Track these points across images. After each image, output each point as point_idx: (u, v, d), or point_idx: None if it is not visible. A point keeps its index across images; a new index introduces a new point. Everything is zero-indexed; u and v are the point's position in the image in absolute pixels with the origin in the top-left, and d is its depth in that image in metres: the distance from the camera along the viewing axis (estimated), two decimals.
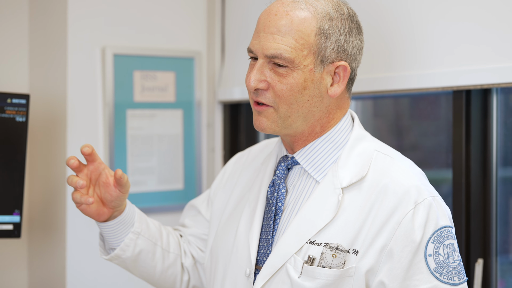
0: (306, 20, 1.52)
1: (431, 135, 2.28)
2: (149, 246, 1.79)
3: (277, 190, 1.62)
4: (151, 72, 2.59)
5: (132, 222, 1.75)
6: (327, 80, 1.55)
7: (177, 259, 1.84)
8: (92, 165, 1.68)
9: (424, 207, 1.47)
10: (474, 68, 1.87)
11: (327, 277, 1.48)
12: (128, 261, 1.77)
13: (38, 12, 2.55)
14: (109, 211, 1.71)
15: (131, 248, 1.75)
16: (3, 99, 2.09)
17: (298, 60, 1.52)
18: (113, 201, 1.69)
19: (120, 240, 1.75)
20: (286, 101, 1.53)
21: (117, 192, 1.67)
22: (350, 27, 1.56)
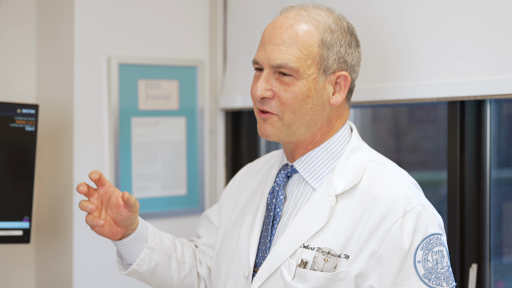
0: (309, 32, 1.60)
1: (430, 137, 2.33)
2: (164, 259, 1.86)
3: (275, 197, 1.69)
4: (155, 80, 2.64)
5: (146, 238, 1.83)
6: (329, 89, 1.63)
7: (193, 269, 1.92)
8: (102, 189, 1.75)
9: (413, 215, 1.53)
10: (468, 80, 1.93)
11: (318, 280, 1.55)
12: (145, 274, 1.86)
13: (45, 24, 2.60)
14: (122, 230, 1.79)
15: (146, 263, 1.83)
16: (13, 109, 2.15)
17: (302, 70, 1.60)
18: (125, 220, 1.76)
19: (136, 255, 1.83)
20: (290, 109, 1.61)
21: (127, 212, 1.75)
22: (349, 39, 1.64)
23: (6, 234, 2.12)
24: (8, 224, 2.12)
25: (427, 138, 2.33)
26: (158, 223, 2.61)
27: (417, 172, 2.40)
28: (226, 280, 1.74)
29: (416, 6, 2.06)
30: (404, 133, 2.43)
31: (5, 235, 2.12)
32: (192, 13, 2.73)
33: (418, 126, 2.37)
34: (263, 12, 2.56)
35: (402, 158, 2.46)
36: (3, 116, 2.13)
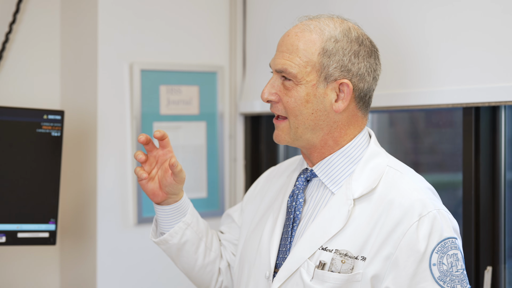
0: (311, 40, 1.67)
1: (448, 139, 2.34)
2: (194, 239, 1.91)
3: (295, 200, 1.75)
4: (176, 86, 2.69)
5: (185, 213, 1.88)
6: (331, 96, 1.68)
7: (217, 259, 1.97)
8: (162, 150, 1.83)
9: (429, 219, 1.58)
10: (482, 87, 1.96)
11: (335, 281, 1.60)
12: (173, 248, 1.90)
13: (69, 32, 2.66)
14: (163, 195, 1.84)
15: (178, 236, 1.88)
16: (40, 115, 2.21)
17: (301, 76, 1.67)
18: (167, 186, 1.82)
19: (171, 226, 1.88)
20: (292, 113, 1.69)
21: (171, 179, 1.80)
22: (357, 49, 1.68)
23: (33, 236, 2.18)
24: (35, 226, 2.18)
25: (445, 140, 2.35)
26: None
27: (435, 174, 2.42)
28: (248, 280, 1.80)
29: (433, 16, 2.10)
30: (422, 135, 2.46)
31: (32, 237, 2.18)
32: (212, 20, 2.78)
33: (436, 129, 2.40)
34: (281, 18, 2.61)
35: (420, 160, 2.49)
36: (30, 122, 2.19)
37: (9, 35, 2.57)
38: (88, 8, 2.57)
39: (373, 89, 1.74)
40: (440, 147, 2.40)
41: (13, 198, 2.17)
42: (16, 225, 2.16)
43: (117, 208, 2.56)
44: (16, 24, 2.60)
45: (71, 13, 2.66)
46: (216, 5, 2.79)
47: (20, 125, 2.18)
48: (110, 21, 2.55)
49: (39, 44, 2.66)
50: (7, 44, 2.58)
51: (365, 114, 1.76)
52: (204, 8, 2.76)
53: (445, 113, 2.29)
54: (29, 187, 2.19)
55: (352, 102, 1.70)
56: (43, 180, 2.22)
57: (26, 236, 2.17)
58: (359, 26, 1.75)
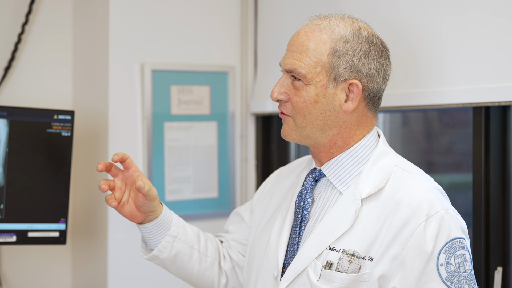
0: (321, 40, 1.67)
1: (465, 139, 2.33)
2: (185, 249, 1.91)
3: (303, 200, 1.75)
4: (187, 86, 2.70)
5: (169, 226, 1.88)
6: (340, 96, 1.68)
7: (215, 263, 1.96)
8: (127, 172, 1.81)
9: (436, 219, 1.57)
10: (492, 86, 1.96)
11: (342, 281, 1.60)
12: (166, 261, 1.91)
13: (81, 32, 2.68)
14: (141, 215, 1.84)
15: (168, 250, 1.88)
16: (50, 115, 2.22)
17: (310, 76, 1.66)
18: (142, 207, 1.81)
19: (158, 242, 1.88)
20: (300, 113, 1.68)
21: (143, 200, 1.80)
22: (367, 50, 1.68)
23: (44, 236, 2.19)
24: (46, 225, 2.19)
25: (460, 140, 2.34)
26: None
27: (451, 174, 2.41)
28: (256, 280, 1.80)
29: (443, 16, 2.09)
30: (436, 135, 2.45)
31: (42, 236, 2.19)
32: (223, 20, 2.79)
33: (451, 128, 2.39)
34: (293, 18, 2.61)
35: (434, 160, 2.48)
36: (40, 122, 2.20)
37: (22, 35, 2.59)
38: (100, 9, 2.59)
39: (383, 89, 1.74)
40: (455, 147, 2.38)
41: (23, 197, 2.18)
42: (26, 224, 2.18)
43: None
44: (29, 25, 2.62)
45: (83, 14, 2.68)
46: (227, 5, 2.79)
47: (30, 125, 2.20)
48: (122, 21, 2.57)
49: (51, 45, 2.68)
50: (20, 44, 2.59)
51: (375, 114, 1.75)
52: (216, 8, 2.76)
53: (459, 113, 2.28)
54: (39, 187, 2.20)
55: (361, 103, 1.70)
56: (53, 180, 2.23)
57: (36, 235, 2.18)
58: (370, 25, 1.74)
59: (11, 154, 2.18)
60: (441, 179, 2.42)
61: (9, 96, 2.57)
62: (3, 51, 2.58)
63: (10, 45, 2.58)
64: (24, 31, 2.59)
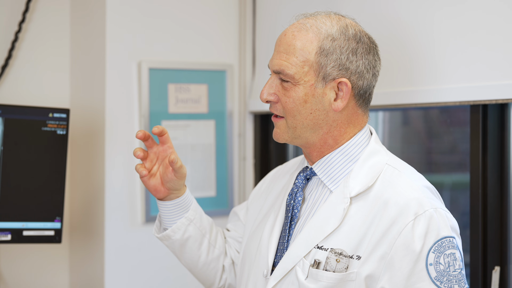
0: (308, 40, 1.65)
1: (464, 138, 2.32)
2: (197, 235, 1.92)
3: (294, 198, 1.74)
4: (184, 84, 2.69)
5: (187, 209, 1.90)
6: (330, 95, 1.66)
7: (221, 256, 1.97)
8: (162, 146, 1.83)
9: (425, 218, 1.55)
10: (490, 84, 1.94)
11: (329, 280, 1.59)
12: (176, 243, 1.91)
13: (79, 31, 2.68)
14: (165, 191, 1.86)
15: (181, 232, 1.89)
16: (45, 114, 2.22)
17: (298, 76, 1.65)
18: (169, 182, 1.83)
19: (173, 222, 1.89)
20: (290, 113, 1.67)
21: (172, 175, 1.81)
22: (354, 47, 1.66)
23: (39, 234, 2.19)
24: (41, 224, 2.19)
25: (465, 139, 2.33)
26: None
27: (456, 173, 2.40)
28: (248, 278, 1.80)
29: (440, 14, 2.08)
30: (440, 134, 2.44)
31: (37, 235, 2.19)
32: (221, 18, 2.78)
33: (456, 127, 2.38)
34: (291, 16, 2.59)
35: (438, 159, 2.47)
36: (35, 120, 2.20)
37: (19, 34, 2.58)
38: (97, 7, 2.58)
39: (373, 86, 1.72)
40: (458, 146, 2.37)
41: (18, 196, 2.18)
42: (21, 223, 2.17)
43: (125, 207, 2.57)
44: (26, 23, 2.61)
45: (80, 12, 2.67)
46: (225, 3, 2.78)
47: (25, 123, 2.19)
48: (119, 20, 2.56)
49: (49, 43, 2.67)
50: (17, 43, 2.59)
51: (366, 112, 1.74)
52: (213, 6, 2.75)
53: (462, 111, 2.27)
54: (34, 185, 2.20)
55: (351, 100, 1.69)
56: (48, 178, 2.23)
57: (31, 234, 2.18)
58: (357, 22, 1.73)
59: (6, 152, 2.17)
60: (444, 178, 2.41)
61: (6, 94, 2.57)
62: (0, 49, 2.57)
63: (7, 44, 2.58)
64: (21, 29, 2.59)
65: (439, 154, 2.47)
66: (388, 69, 2.11)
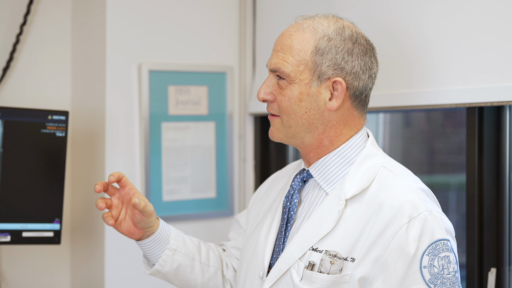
0: (304, 39, 1.67)
1: None
2: (187, 261, 1.94)
3: (290, 200, 1.75)
4: (184, 86, 2.70)
5: (167, 240, 1.91)
6: (325, 94, 1.68)
7: (218, 272, 1.99)
8: (123, 190, 1.86)
9: (419, 221, 1.56)
10: (486, 87, 1.95)
11: (323, 281, 1.60)
12: (168, 275, 1.94)
13: (79, 33, 2.69)
14: (139, 232, 1.88)
15: (169, 263, 1.92)
16: (45, 116, 2.23)
17: (294, 74, 1.67)
18: (139, 223, 1.85)
19: (158, 256, 1.92)
20: (285, 112, 1.69)
21: (140, 216, 1.84)
22: (350, 47, 1.68)
23: (38, 236, 2.20)
24: (40, 225, 2.20)
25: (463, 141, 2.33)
26: (188, 225, 2.68)
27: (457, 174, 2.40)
28: (244, 280, 1.81)
29: (437, 16, 2.08)
30: (443, 135, 2.44)
31: (36, 236, 2.21)
32: (222, 20, 2.79)
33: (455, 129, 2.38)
34: (291, 18, 2.60)
35: (448, 160, 2.47)
36: (35, 123, 2.22)
37: (20, 36, 2.60)
38: (98, 10, 2.59)
39: (369, 88, 1.73)
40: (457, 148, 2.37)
41: (18, 197, 2.19)
42: (21, 224, 2.19)
43: None
44: (27, 26, 2.63)
45: (81, 15, 2.69)
46: (225, 5, 2.79)
47: (25, 126, 2.21)
48: (119, 22, 2.57)
49: (50, 46, 2.69)
50: (18, 45, 2.61)
51: (362, 114, 1.74)
52: (213, 8, 2.76)
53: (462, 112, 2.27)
54: (34, 187, 2.21)
55: (347, 101, 1.69)
56: (48, 180, 2.24)
57: (30, 235, 2.19)
58: (355, 24, 1.74)
59: (5, 154, 2.19)
60: (451, 179, 2.41)
61: (7, 96, 2.59)
62: (1, 52, 2.59)
63: (8, 46, 2.60)
64: (22, 31, 2.60)
65: (439, 155, 2.47)
66: (384, 71, 2.12)
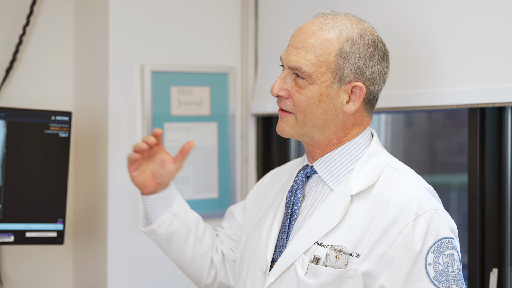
0: (329, 40, 1.65)
1: None
2: (183, 230, 1.96)
3: (294, 195, 1.76)
4: (187, 87, 2.71)
5: (171, 203, 1.95)
6: (343, 97, 1.68)
7: (208, 251, 2.01)
8: (157, 147, 1.94)
9: (425, 219, 1.57)
10: (488, 88, 1.95)
11: (327, 275, 1.61)
12: (162, 238, 1.96)
13: (82, 34, 2.70)
14: (154, 185, 1.93)
15: (166, 226, 1.94)
16: (48, 117, 2.24)
17: (315, 75, 1.65)
18: (164, 175, 1.92)
19: (158, 216, 1.94)
20: (302, 111, 1.68)
21: (172, 167, 1.91)
22: (372, 53, 1.67)
23: (41, 236, 2.21)
24: (43, 226, 2.21)
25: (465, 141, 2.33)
26: None
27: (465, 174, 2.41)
28: (246, 275, 1.82)
29: (439, 17, 2.09)
30: (444, 136, 2.45)
31: (40, 236, 2.21)
32: (224, 21, 2.79)
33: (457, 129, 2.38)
34: (293, 19, 2.61)
35: (450, 160, 2.47)
36: (38, 123, 2.22)
37: (23, 36, 2.61)
38: (101, 11, 2.60)
39: (381, 91, 1.75)
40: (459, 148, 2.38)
41: (21, 198, 2.20)
42: (24, 224, 2.20)
43: (128, 208, 2.59)
44: (30, 26, 2.64)
45: (84, 15, 2.69)
46: (227, 6, 2.80)
47: (28, 126, 2.22)
48: (122, 23, 2.58)
49: (53, 46, 2.69)
50: (21, 46, 2.61)
51: (370, 114, 1.76)
52: (215, 9, 2.77)
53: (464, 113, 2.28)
54: (37, 187, 2.22)
55: (361, 104, 1.71)
56: (51, 180, 2.25)
57: (34, 235, 2.20)
58: (374, 28, 1.74)
59: (9, 155, 2.19)
60: (452, 179, 2.42)
61: (10, 97, 2.59)
62: (4, 52, 2.60)
63: (11, 46, 2.60)
64: (25, 32, 2.61)
65: (441, 155, 2.48)
66: None
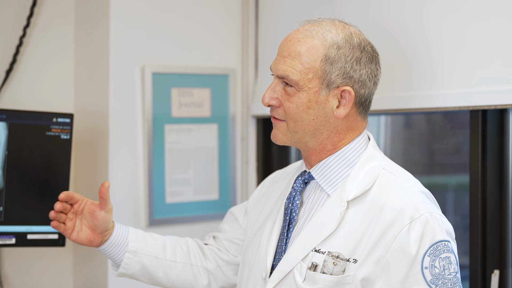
0: (314, 47, 1.67)
1: None
2: (150, 261, 1.99)
3: (292, 202, 1.77)
4: (187, 89, 2.71)
5: (126, 243, 1.97)
6: (332, 102, 1.68)
7: (186, 267, 2.02)
8: (76, 205, 1.96)
9: (421, 222, 1.58)
10: (489, 90, 1.96)
11: (325, 282, 1.61)
12: (135, 275, 2.00)
13: (83, 35, 2.70)
14: (99, 237, 1.95)
15: (132, 265, 1.97)
16: (49, 118, 2.23)
17: (302, 82, 1.66)
18: (101, 224, 1.92)
19: (120, 259, 1.97)
20: (292, 118, 1.69)
21: (102, 214, 1.92)
22: (359, 56, 1.68)
23: (43, 238, 2.20)
24: (45, 228, 2.20)
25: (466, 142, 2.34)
26: (191, 227, 2.68)
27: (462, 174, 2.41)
28: (247, 281, 1.83)
29: (439, 18, 2.09)
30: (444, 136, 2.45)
31: (41, 238, 2.20)
32: (224, 23, 2.80)
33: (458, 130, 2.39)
34: (293, 20, 2.60)
35: (447, 161, 2.48)
36: (39, 125, 2.22)
37: (23, 38, 2.60)
38: (101, 12, 2.60)
39: (373, 94, 1.74)
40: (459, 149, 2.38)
41: (23, 200, 2.19)
42: (25, 226, 2.19)
43: (129, 210, 2.59)
44: (30, 28, 2.63)
45: (84, 17, 2.69)
46: (228, 8, 2.80)
47: (29, 128, 2.21)
48: (123, 24, 2.58)
49: (53, 47, 2.69)
50: (21, 47, 2.61)
51: (365, 118, 1.76)
52: (216, 11, 2.77)
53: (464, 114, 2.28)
54: (38, 190, 2.21)
55: (352, 108, 1.71)
56: (52, 182, 2.24)
57: (35, 237, 2.19)
58: (361, 30, 1.75)
59: (10, 156, 2.19)
60: (449, 180, 2.43)
61: (10, 98, 2.59)
62: (5, 53, 2.59)
63: (11, 48, 2.60)
64: (25, 34, 2.61)
65: (438, 156, 2.49)
66: (388, 74, 2.13)
